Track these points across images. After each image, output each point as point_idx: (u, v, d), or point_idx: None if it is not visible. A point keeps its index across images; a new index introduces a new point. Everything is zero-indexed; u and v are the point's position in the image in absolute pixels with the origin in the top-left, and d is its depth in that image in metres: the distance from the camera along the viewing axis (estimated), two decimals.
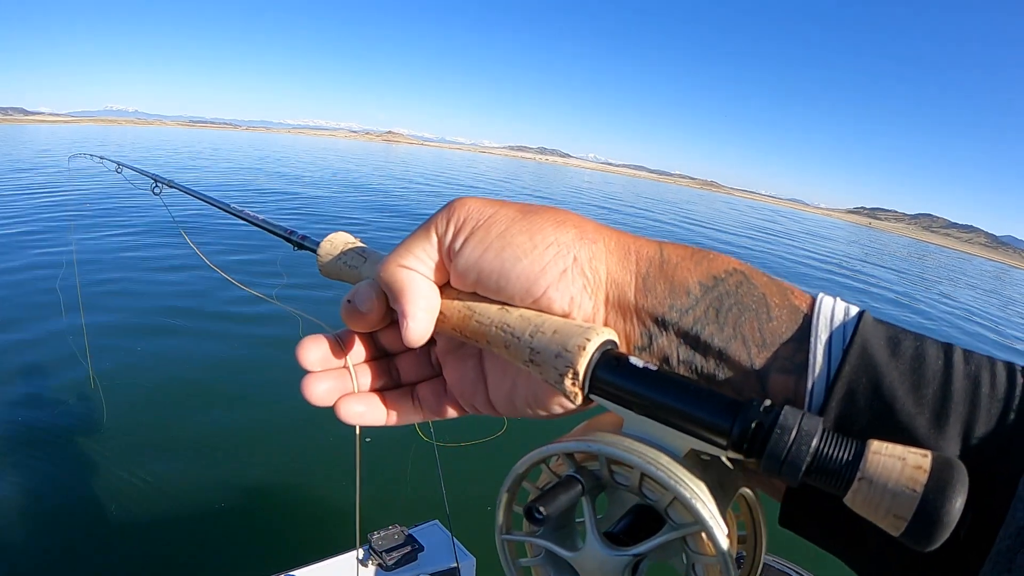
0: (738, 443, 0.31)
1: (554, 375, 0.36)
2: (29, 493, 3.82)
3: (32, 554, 3.37)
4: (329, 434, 4.32)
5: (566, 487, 0.34)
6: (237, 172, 25.12)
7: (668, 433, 0.34)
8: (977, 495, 0.28)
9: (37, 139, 39.73)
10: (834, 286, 15.33)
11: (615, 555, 0.34)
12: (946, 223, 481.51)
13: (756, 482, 0.38)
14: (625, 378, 0.35)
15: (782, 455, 0.29)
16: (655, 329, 0.37)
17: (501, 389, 0.44)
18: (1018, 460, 0.28)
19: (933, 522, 0.26)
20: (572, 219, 0.40)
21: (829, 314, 0.34)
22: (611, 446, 0.34)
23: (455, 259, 0.40)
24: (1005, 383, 0.30)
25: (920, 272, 31.60)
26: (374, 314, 0.44)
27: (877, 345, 0.32)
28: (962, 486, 0.26)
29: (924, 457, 0.27)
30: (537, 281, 0.38)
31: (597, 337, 0.36)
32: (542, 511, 0.32)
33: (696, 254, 0.39)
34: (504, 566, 0.39)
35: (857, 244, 48.45)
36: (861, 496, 0.28)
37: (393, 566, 2.63)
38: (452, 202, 0.41)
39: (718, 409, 0.32)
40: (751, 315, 0.36)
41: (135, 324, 6.22)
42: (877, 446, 0.28)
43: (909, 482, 0.27)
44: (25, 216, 8.83)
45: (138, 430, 4.50)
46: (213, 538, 3.60)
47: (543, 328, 0.37)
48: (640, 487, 0.34)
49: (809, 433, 0.29)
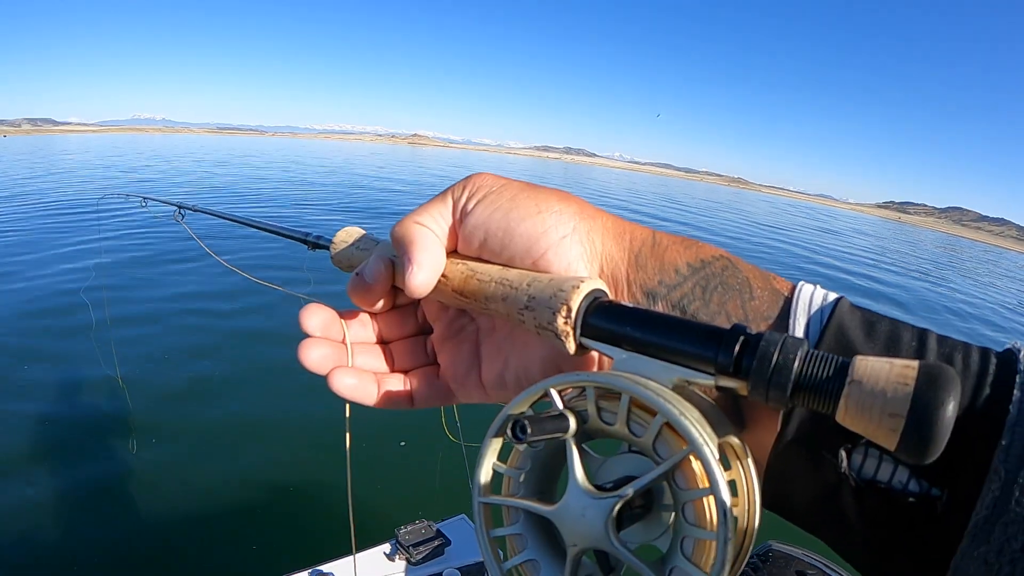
0: (725, 365, 0.31)
1: (547, 315, 0.38)
2: (58, 489, 3.94)
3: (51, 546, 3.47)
4: (357, 435, 4.36)
5: (555, 419, 0.34)
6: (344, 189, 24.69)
7: (658, 366, 0.34)
8: (953, 470, 0.29)
9: (67, 152, 39.95)
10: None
11: (597, 499, 0.33)
12: (977, 216, 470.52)
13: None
14: (615, 316, 0.36)
15: (769, 368, 0.29)
16: (644, 301, 0.39)
17: (493, 370, 0.46)
18: (993, 433, 0.28)
19: (931, 411, 0.25)
20: (576, 198, 0.43)
21: (808, 298, 0.36)
22: (599, 376, 0.34)
23: (465, 220, 0.43)
24: (978, 362, 0.31)
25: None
26: (380, 286, 0.46)
27: (853, 327, 0.34)
28: (953, 381, 0.26)
29: (910, 361, 0.27)
30: (538, 241, 0.41)
31: (591, 282, 0.38)
32: (527, 428, 0.32)
33: (686, 241, 0.41)
34: (477, 535, 0.38)
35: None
36: (853, 401, 0.27)
37: (420, 560, 2.64)
38: (470, 175, 0.45)
39: (705, 334, 0.33)
40: (735, 294, 0.38)
41: (165, 335, 6.34)
42: (862, 357, 0.28)
43: (900, 378, 0.26)
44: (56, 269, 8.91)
45: (166, 428, 4.63)
46: (238, 534, 3.67)
47: (540, 279, 0.39)
48: (628, 421, 0.34)
49: (795, 346, 0.29)
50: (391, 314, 0.51)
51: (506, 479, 0.38)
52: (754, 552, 1.82)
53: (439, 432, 2.44)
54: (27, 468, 4.09)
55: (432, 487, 3.91)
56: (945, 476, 0.29)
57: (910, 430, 0.25)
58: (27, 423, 4.59)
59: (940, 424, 0.25)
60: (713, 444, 0.31)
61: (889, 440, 0.26)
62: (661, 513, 0.35)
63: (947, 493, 0.29)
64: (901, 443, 0.26)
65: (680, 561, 0.32)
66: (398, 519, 2.86)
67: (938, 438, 0.25)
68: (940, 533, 0.29)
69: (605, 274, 0.41)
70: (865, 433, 0.27)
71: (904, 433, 0.25)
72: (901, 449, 0.26)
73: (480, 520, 0.38)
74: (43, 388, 5.14)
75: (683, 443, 0.32)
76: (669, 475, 0.33)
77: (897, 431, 0.25)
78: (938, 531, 0.29)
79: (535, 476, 0.38)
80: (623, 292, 0.40)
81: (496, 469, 0.38)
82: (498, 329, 0.47)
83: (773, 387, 0.29)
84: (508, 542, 0.38)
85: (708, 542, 0.31)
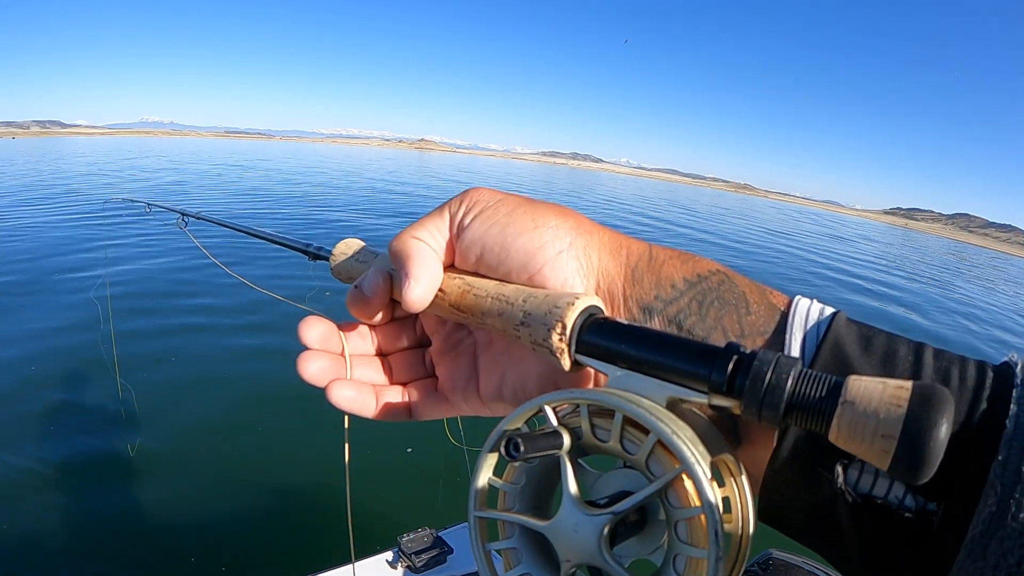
0: (718, 384, 0.31)
1: (543, 332, 0.38)
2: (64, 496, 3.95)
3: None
4: (362, 440, 4.36)
5: (548, 436, 0.34)
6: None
7: (652, 384, 0.35)
8: (950, 485, 0.29)
9: (73, 157, 39.93)
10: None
11: (590, 516, 0.33)
12: (984, 223, 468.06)
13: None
14: (610, 333, 0.37)
15: (763, 388, 0.29)
16: (640, 316, 0.40)
17: (491, 383, 0.47)
18: (989, 447, 0.28)
19: (923, 433, 0.25)
20: (573, 213, 0.43)
21: (805, 313, 0.36)
22: (592, 393, 0.34)
23: (462, 235, 0.43)
24: (975, 377, 0.31)
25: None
26: (378, 299, 0.47)
27: (849, 341, 0.34)
28: (947, 402, 0.25)
29: (903, 382, 0.27)
30: (535, 257, 0.41)
31: (586, 298, 0.38)
32: (520, 446, 0.32)
33: (683, 255, 0.41)
34: (472, 548, 0.38)
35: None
36: (846, 422, 0.27)
37: (422, 568, 2.64)
38: (467, 190, 0.45)
39: (698, 353, 0.33)
40: (731, 309, 0.38)
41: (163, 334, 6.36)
42: (855, 377, 0.28)
43: (893, 399, 0.26)
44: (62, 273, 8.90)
45: (166, 431, 4.65)
46: (239, 542, 3.67)
47: (536, 294, 0.39)
48: (621, 439, 0.34)
49: (788, 366, 0.29)
50: (390, 326, 0.51)
51: (502, 494, 0.38)
52: (754, 560, 1.81)
53: (444, 438, 2.44)
54: (28, 470, 4.10)
55: (436, 494, 3.91)
56: (942, 491, 0.29)
57: (902, 452, 0.25)
58: (28, 423, 4.62)
59: (932, 446, 0.25)
60: (705, 463, 0.31)
61: (882, 461, 0.26)
62: (656, 528, 0.35)
63: (943, 508, 0.29)
64: (893, 464, 0.26)
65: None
66: (401, 526, 2.85)
67: (930, 460, 0.25)
68: (936, 548, 0.29)
69: (601, 289, 0.41)
70: (858, 453, 0.27)
71: (896, 455, 0.25)
72: (893, 470, 0.26)
73: (475, 534, 0.38)
74: (44, 388, 5.17)
75: (676, 462, 0.32)
76: (662, 493, 0.33)
77: (889, 452, 0.25)
78: (934, 546, 0.29)
79: (530, 491, 0.38)
80: (619, 307, 0.40)
81: (492, 483, 0.38)
82: (495, 343, 0.47)
83: (766, 407, 0.29)
84: (503, 556, 0.39)
85: (700, 560, 0.31)
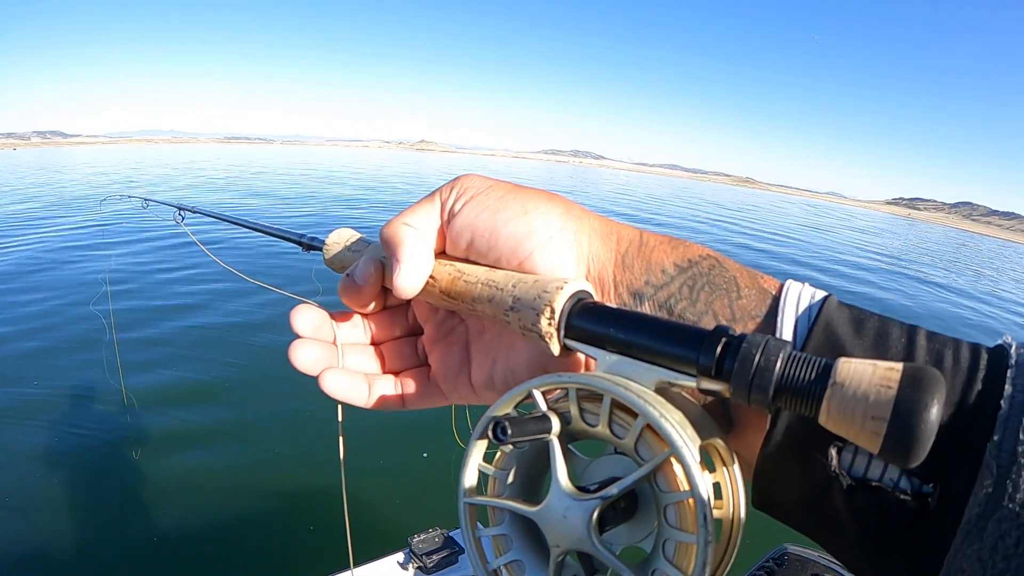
0: (707, 367, 0.31)
1: (531, 317, 0.38)
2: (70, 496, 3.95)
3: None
4: (373, 443, 4.36)
5: (537, 420, 0.34)
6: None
7: (641, 368, 0.34)
8: (946, 467, 0.29)
9: (75, 167, 39.86)
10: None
11: (579, 501, 0.33)
12: (987, 211, 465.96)
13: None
14: (599, 317, 0.37)
15: (751, 370, 0.29)
16: (631, 302, 0.40)
17: (482, 371, 0.47)
18: (984, 429, 0.28)
19: (914, 415, 0.24)
20: (562, 199, 0.43)
21: (796, 296, 0.36)
22: (580, 377, 0.34)
23: (453, 221, 0.43)
24: (969, 358, 0.31)
25: None
26: (370, 287, 0.47)
27: (841, 324, 0.33)
28: (938, 384, 0.25)
29: (894, 364, 0.26)
30: (525, 242, 0.41)
31: (575, 283, 0.38)
32: (508, 430, 0.32)
33: (673, 241, 0.41)
34: (463, 535, 0.38)
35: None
36: (835, 404, 0.27)
37: (433, 568, 2.64)
38: (459, 176, 0.45)
39: (687, 336, 0.33)
40: (722, 293, 0.38)
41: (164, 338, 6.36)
42: (845, 359, 0.28)
43: (883, 381, 0.26)
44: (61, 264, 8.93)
45: (165, 433, 4.62)
46: (240, 543, 3.65)
47: (525, 280, 0.39)
48: (610, 423, 0.34)
49: (777, 348, 0.29)
50: (382, 315, 0.51)
51: (491, 480, 0.38)
52: (769, 555, 1.82)
53: (448, 436, 2.42)
54: (27, 469, 4.11)
55: (447, 494, 3.90)
56: (937, 473, 0.29)
57: (892, 434, 0.25)
58: (30, 424, 4.62)
59: (923, 428, 0.24)
60: (694, 446, 0.31)
61: (872, 443, 0.26)
62: (646, 515, 0.35)
63: (939, 490, 0.29)
64: (884, 447, 0.25)
65: (662, 563, 0.32)
66: (413, 526, 2.84)
67: (921, 442, 0.24)
68: (933, 530, 0.29)
69: (592, 275, 0.41)
70: (848, 436, 0.27)
71: (887, 437, 0.25)
72: (884, 453, 0.25)
73: (465, 521, 0.38)
74: (45, 389, 5.16)
75: (664, 445, 0.32)
76: (650, 477, 0.32)
77: (880, 435, 0.25)
78: (931, 528, 0.29)
79: (521, 477, 0.38)
80: (610, 293, 0.40)
81: (482, 470, 0.38)
82: (487, 330, 0.47)
83: (755, 390, 0.29)
84: (494, 542, 0.38)
85: (689, 544, 0.31)
